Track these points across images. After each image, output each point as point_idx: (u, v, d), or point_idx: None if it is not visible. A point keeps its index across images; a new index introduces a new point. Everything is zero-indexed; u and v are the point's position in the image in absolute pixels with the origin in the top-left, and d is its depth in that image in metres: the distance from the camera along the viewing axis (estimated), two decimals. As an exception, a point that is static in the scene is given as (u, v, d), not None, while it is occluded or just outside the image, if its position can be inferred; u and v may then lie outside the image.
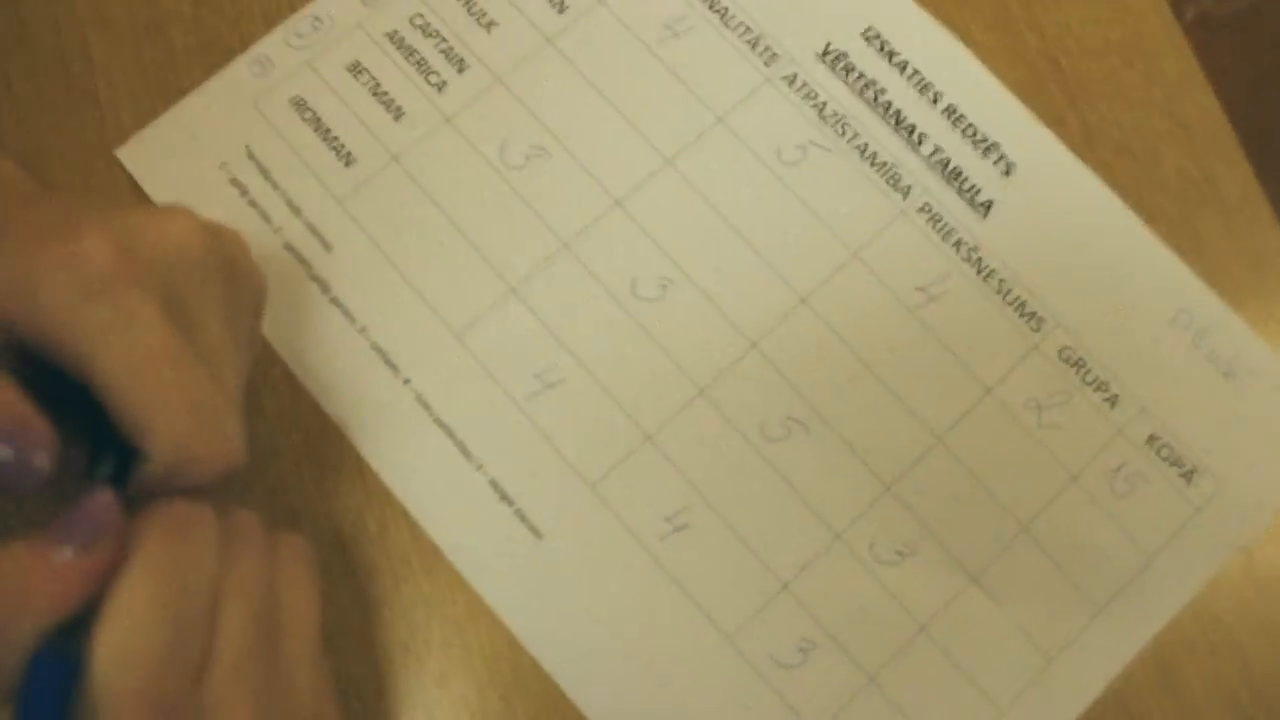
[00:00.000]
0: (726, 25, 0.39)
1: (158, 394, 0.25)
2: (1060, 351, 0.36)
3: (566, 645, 0.33)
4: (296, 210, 0.37)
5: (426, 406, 0.35)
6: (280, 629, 0.27)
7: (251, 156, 0.37)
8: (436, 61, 0.38)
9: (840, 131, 0.38)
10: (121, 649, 0.23)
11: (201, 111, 0.38)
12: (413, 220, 0.37)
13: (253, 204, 0.37)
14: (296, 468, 0.35)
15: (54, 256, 0.25)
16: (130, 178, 0.38)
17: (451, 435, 0.35)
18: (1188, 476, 0.35)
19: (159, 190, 0.37)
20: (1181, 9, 1.43)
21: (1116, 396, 0.35)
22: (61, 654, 0.23)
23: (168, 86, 0.39)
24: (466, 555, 0.34)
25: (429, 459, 0.35)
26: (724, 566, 0.34)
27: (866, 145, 0.38)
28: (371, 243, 0.36)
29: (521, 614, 0.33)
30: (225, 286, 0.29)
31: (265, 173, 0.37)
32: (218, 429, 0.26)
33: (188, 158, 0.37)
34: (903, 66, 0.39)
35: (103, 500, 0.24)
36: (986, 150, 0.38)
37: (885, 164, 0.37)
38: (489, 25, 0.39)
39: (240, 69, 0.38)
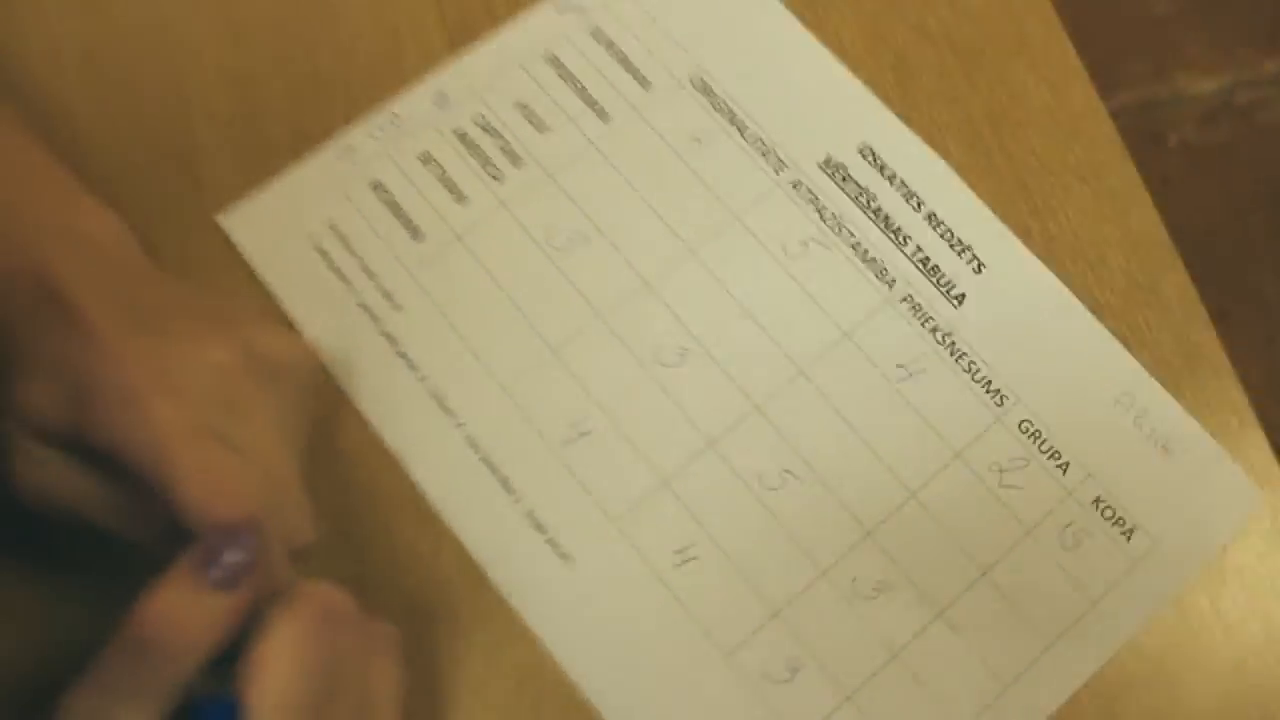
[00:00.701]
0: (744, 138, 0.46)
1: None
2: (1020, 424, 0.42)
3: (590, 656, 0.38)
4: (371, 275, 0.43)
5: (475, 446, 0.41)
6: (369, 711, 0.32)
7: (334, 229, 0.44)
8: (496, 156, 0.45)
9: (837, 230, 0.44)
10: (276, 703, 0.28)
11: (294, 188, 0.44)
12: (470, 288, 0.43)
13: (334, 268, 0.43)
14: (363, 497, 0.41)
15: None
16: (225, 240, 0.44)
17: (495, 471, 0.41)
18: (1127, 534, 0.40)
19: (253, 252, 0.43)
20: (1164, 136, 1.52)
21: (1067, 464, 0.41)
22: (220, 697, 0.28)
23: (263, 165, 0.45)
24: (505, 575, 0.39)
25: (475, 491, 0.40)
26: (725, 594, 0.39)
27: (859, 243, 0.44)
28: (434, 305, 0.43)
29: (552, 628, 0.39)
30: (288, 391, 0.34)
31: (346, 243, 0.44)
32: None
33: (280, 226, 0.44)
34: (892, 178, 0.45)
35: (248, 543, 0.30)
36: (961, 251, 0.44)
37: (874, 259, 0.44)
38: (542, 128, 0.46)
39: (328, 155, 0.45)
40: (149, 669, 0.27)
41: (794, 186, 0.45)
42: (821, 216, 0.45)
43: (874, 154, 0.46)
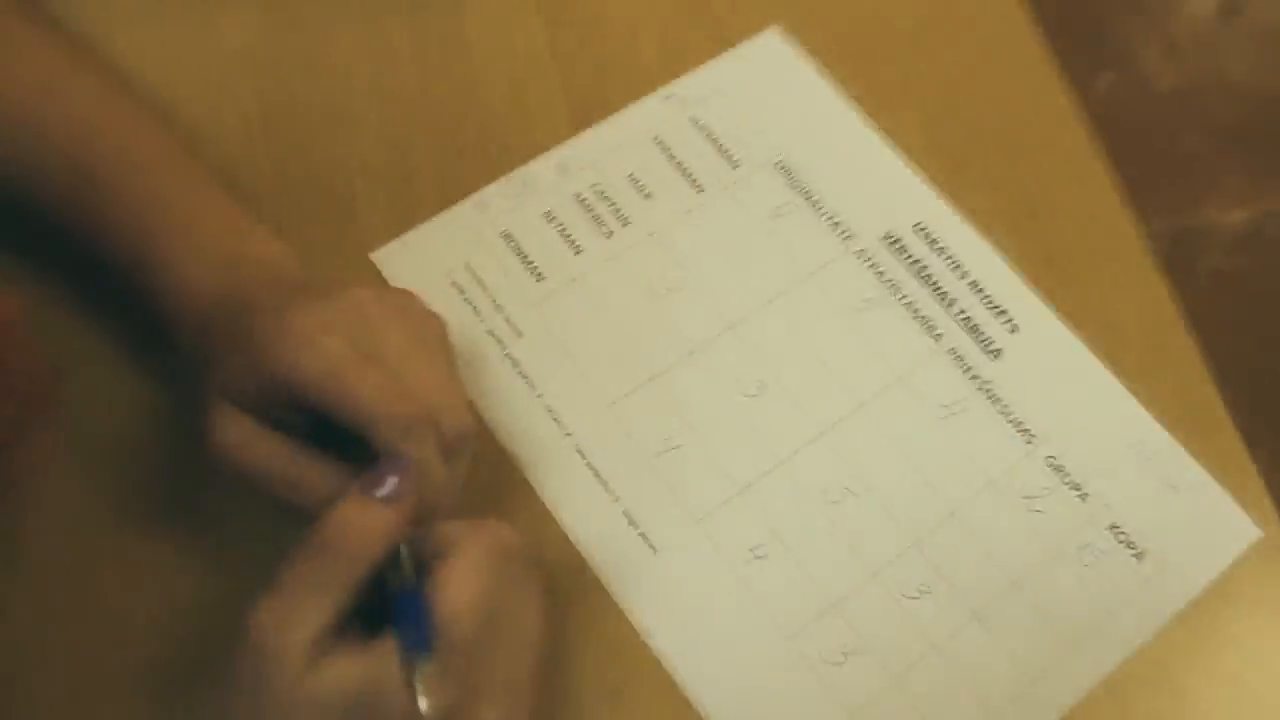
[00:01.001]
0: (817, 212, 0.54)
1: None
2: (1046, 459, 0.49)
3: (671, 632, 0.45)
4: (499, 307, 0.51)
5: (581, 454, 0.48)
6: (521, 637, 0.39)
7: (469, 268, 0.52)
8: (607, 217, 0.54)
9: (893, 292, 0.52)
10: (455, 609, 0.36)
11: (436, 233, 0.53)
12: (582, 322, 0.51)
13: (467, 301, 0.51)
14: (486, 494, 0.48)
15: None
16: (377, 273, 0.52)
17: (597, 475, 0.48)
18: (1138, 556, 0.47)
19: (400, 285, 0.52)
20: (1194, 263, 1.61)
21: (1087, 494, 0.48)
22: (416, 591, 0.35)
23: (411, 213, 0.54)
24: (602, 562, 0.46)
25: (579, 491, 0.48)
26: (788, 587, 0.46)
27: (912, 303, 0.52)
28: (551, 335, 0.51)
29: (639, 607, 0.45)
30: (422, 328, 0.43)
31: (478, 280, 0.52)
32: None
33: (423, 264, 0.52)
34: (941, 251, 0.53)
35: (406, 467, 0.37)
36: (999, 314, 0.52)
37: (924, 317, 0.52)
38: (647, 196, 0.54)
39: (466, 207, 0.54)
40: (330, 567, 0.35)
41: (858, 255, 0.53)
42: (880, 280, 0.53)
43: (926, 231, 0.54)
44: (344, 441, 0.39)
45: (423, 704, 0.34)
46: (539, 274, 0.52)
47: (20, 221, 0.47)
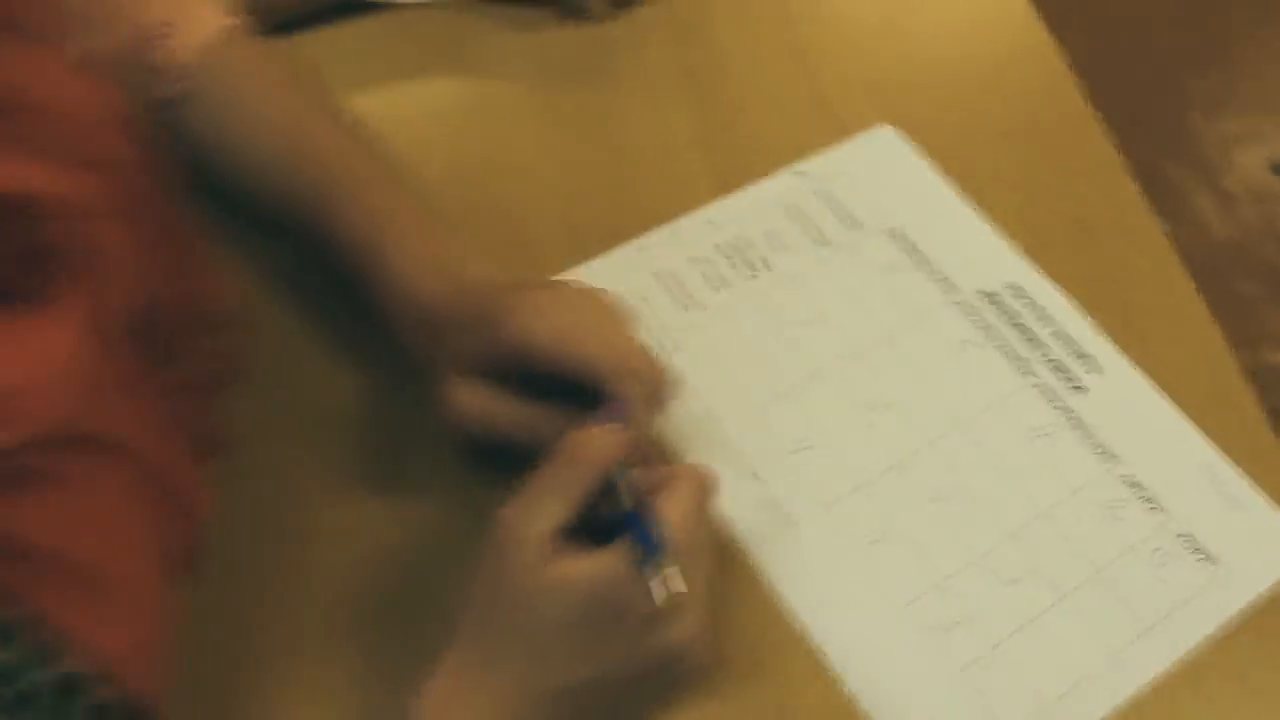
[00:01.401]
0: (922, 270, 0.64)
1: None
2: (1123, 477, 0.57)
3: (806, 599, 0.53)
4: (650, 331, 0.61)
5: (731, 446, 0.57)
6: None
7: (632, 296, 0.62)
8: (747, 262, 0.64)
9: (989, 337, 0.61)
10: (678, 516, 0.44)
11: (602, 270, 0.63)
12: (727, 343, 0.60)
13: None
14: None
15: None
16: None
17: (746, 464, 0.57)
18: (1203, 562, 0.54)
19: (574, 309, 0.61)
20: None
21: (1161, 507, 0.56)
22: (647, 506, 0.44)
23: (580, 253, 0.64)
24: (749, 537, 0.55)
25: (731, 476, 0.56)
26: (902, 567, 0.54)
27: (1006, 346, 0.61)
28: (701, 351, 0.60)
29: (780, 578, 0.54)
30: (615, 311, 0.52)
31: (638, 306, 0.62)
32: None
33: (593, 294, 0.62)
34: (1031, 306, 0.63)
35: (626, 407, 0.47)
36: (1081, 358, 0.61)
37: (1019, 358, 0.61)
38: (780, 249, 0.64)
39: (629, 250, 0.64)
40: (567, 475, 0.44)
41: (958, 305, 0.63)
42: (975, 326, 0.62)
43: (1017, 289, 0.63)
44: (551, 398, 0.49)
45: (658, 596, 0.42)
46: (688, 304, 0.62)
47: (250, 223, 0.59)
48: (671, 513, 0.44)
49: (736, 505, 0.55)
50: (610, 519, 0.44)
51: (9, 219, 0.31)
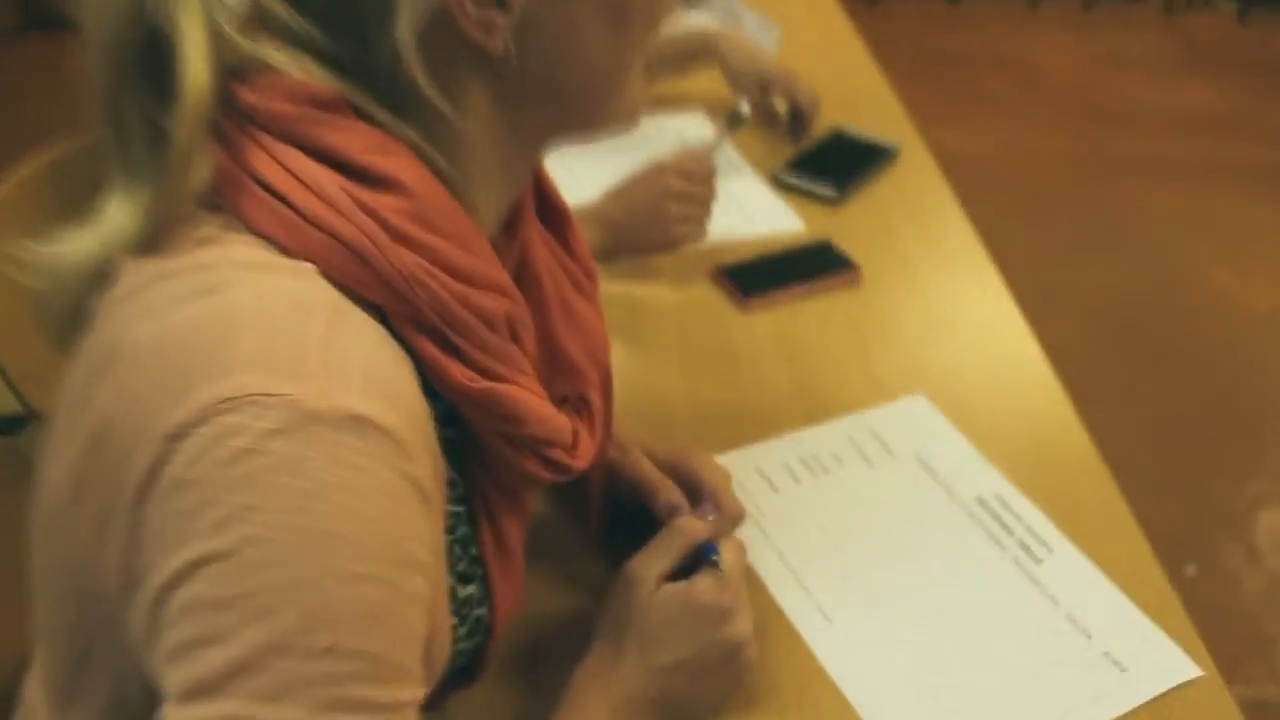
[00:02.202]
0: (937, 482, 0.94)
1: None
2: (1066, 614, 0.84)
3: (844, 672, 0.80)
4: (755, 503, 0.92)
5: (794, 573, 0.86)
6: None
7: (737, 479, 0.93)
8: (823, 466, 0.95)
9: (978, 524, 0.91)
10: (730, 560, 0.74)
11: (724, 461, 0.95)
12: (793, 517, 0.91)
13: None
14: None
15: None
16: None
17: (800, 582, 0.85)
18: (1116, 669, 0.80)
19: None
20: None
21: (1089, 634, 0.82)
22: (713, 549, 0.75)
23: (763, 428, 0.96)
24: (793, 618, 0.82)
25: (784, 591, 0.85)
26: (910, 666, 0.81)
27: (990, 531, 0.90)
28: (773, 522, 0.90)
29: (820, 652, 0.81)
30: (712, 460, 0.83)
31: (741, 486, 0.93)
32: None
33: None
34: (1005, 506, 0.92)
35: (716, 508, 0.78)
36: (1040, 542, 0.89)
37: (997, 539, 0.89)
38: (841, 463, 0.96)
39: (740, 453, 0.96)
40: (674, 542, 0.74)
41: (960, 506, 0.92)
42: (971, 519, 0.91)
43: (1001, 499, 0.93)
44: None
45: (721, 563, 0.72)
46: (774, 490, 0.93)
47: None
48: (726, 553, 0.74)
49: (789, 603, 0.84)
50: (681, 568, 0.74)
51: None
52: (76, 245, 0.54)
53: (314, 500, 0.46)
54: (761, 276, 1.17)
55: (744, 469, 0.95)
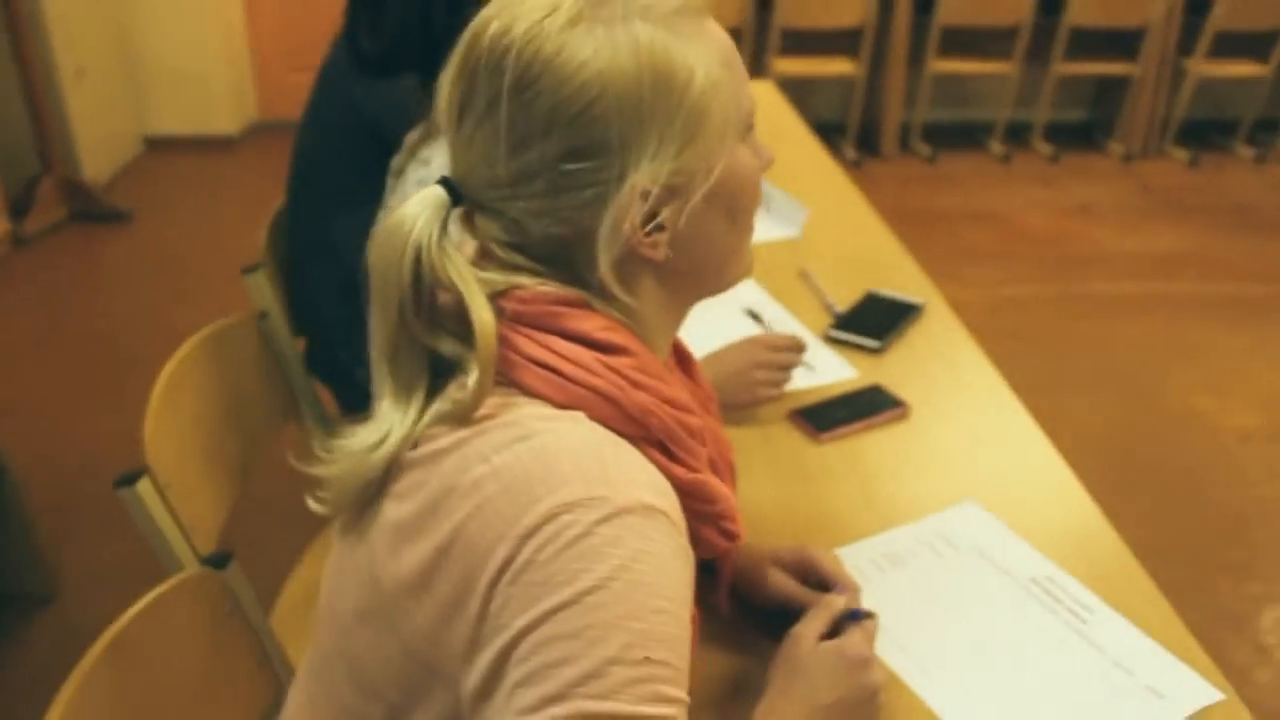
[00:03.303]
0: (997, 569, 1.18)
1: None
2: (1114, 660, 1.07)
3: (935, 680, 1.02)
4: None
5: (901, 649, 1.09)
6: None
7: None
8: (895, 565, 1.19)
9: (1032, 597, 1.14)
10: (868, 623, 0.98)
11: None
12: (899, 594, 1.14)
13: (838, 586, 1.16)
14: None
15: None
16: (794, 579, 1.18)
17: (909, 657, 1.08)
18: (1155, 695, 1.03)
19: (807, 579, 1.17)
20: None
21: (1131, 672, 1.05)
22: (859, 612, 0.99)
23: (845, 534, 1.20)
24: (897, 670, 1.05)
25: (890, 653, 1.08)
26: (988, 683, 1.03)
27: (1043, 600, 1.14)
28: (885, 601, 1.14)
29: (926, 694, 1.04)
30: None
31: (843, 579, 1.17)
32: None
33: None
34: (1054, 583, 1.16)
35: (845, 589, 1.02)
36: (1084, 606, 1.13)
37: (1050, 606, 1.13)
38: (914, 557, 1.20)
39: (861, 545, 1.20)
40: (824, 613, 0.98)
41: (1017, 583, 1.16)
42: (1027, 593, 1.15)
43: (1053, 580, 1.17)
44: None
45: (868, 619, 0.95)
46: (864, 583, 1.17)
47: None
48: (870, 622, 0.98)
49: (895, 661, 1.07)
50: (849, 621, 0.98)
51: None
52: (365, 439, 0.80)
53: (629, 561, 0.71)
54: (829, 416, 1.43)
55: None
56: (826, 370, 1.57)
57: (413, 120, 1.61)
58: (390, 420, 0.80)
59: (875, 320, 1.68)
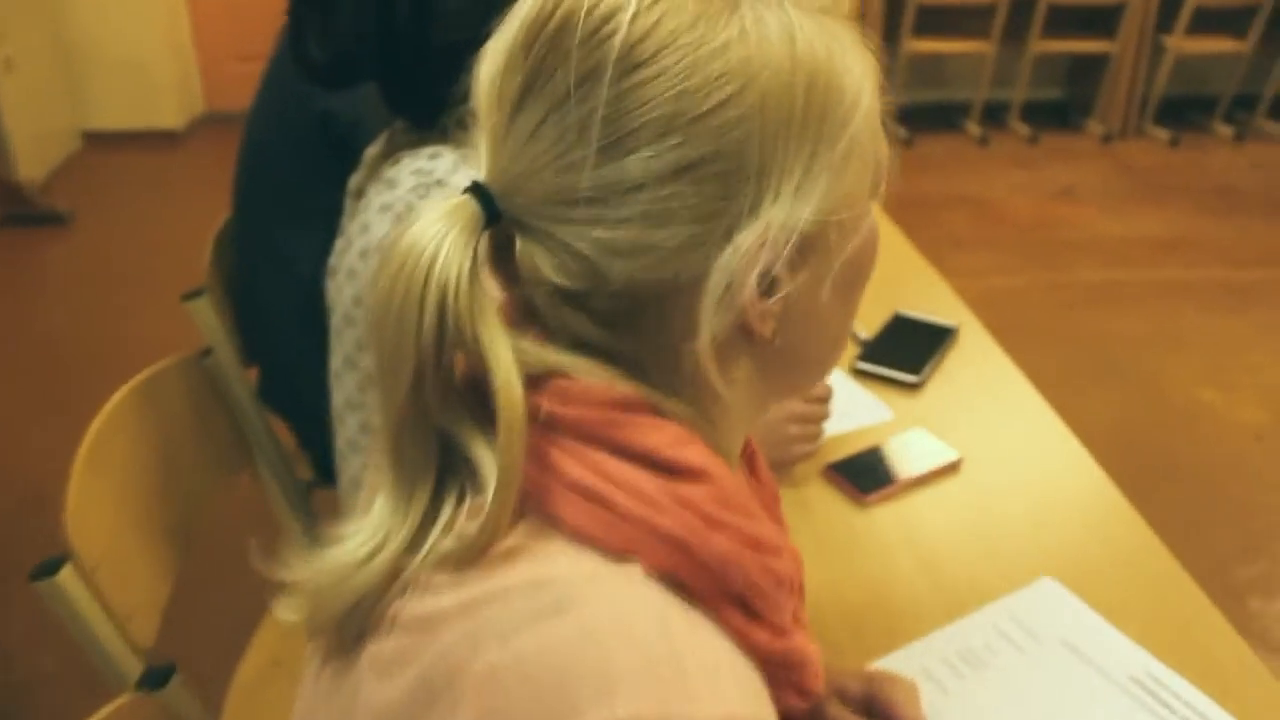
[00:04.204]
0: (1088, 665, 1.01)
1: None
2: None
3: None
4: (929, 700, 0.97)
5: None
6: None
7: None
8: (972, 664, 1.01)
9: (1136, 703, 0.97)
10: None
11: (889, 663, 1.00)
12: (986, 706, 0.96)
13: (908, 696, 0.98)
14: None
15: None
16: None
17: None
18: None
19: (871, 687, 0.98)
20: None
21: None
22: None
23: (869, 652, 1.02)
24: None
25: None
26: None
27: (1146, 704, 0.96)
28: (972, 716, 0.96)
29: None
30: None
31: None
32: None
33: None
34: (1157, 682, 0.98)
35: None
36: (1189, 707, 0.95)
37: (1154, 711, 0.95)
38: (993, 654, 1.02)
39: (900, 654, 1.02)
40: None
41: (1114, 684, 0.98)
42: (1128, 696, 0.97)
43: (1154, 676, 0.99)
44: None
45: None
46: (944, 691, 0.99)
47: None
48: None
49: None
50: None
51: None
52: (353, 551, 0.58)
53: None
54: (872, 473, 1.25)
55: (910, 670, 1.00)
56: (860, 412, 1.38)
57: (372, 122, 1.39)
58: (385, 526, 0.59)
59: (908, 348, 1.49)
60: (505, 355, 0.56)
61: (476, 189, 0.59)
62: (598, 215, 0.56)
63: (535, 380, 0.59)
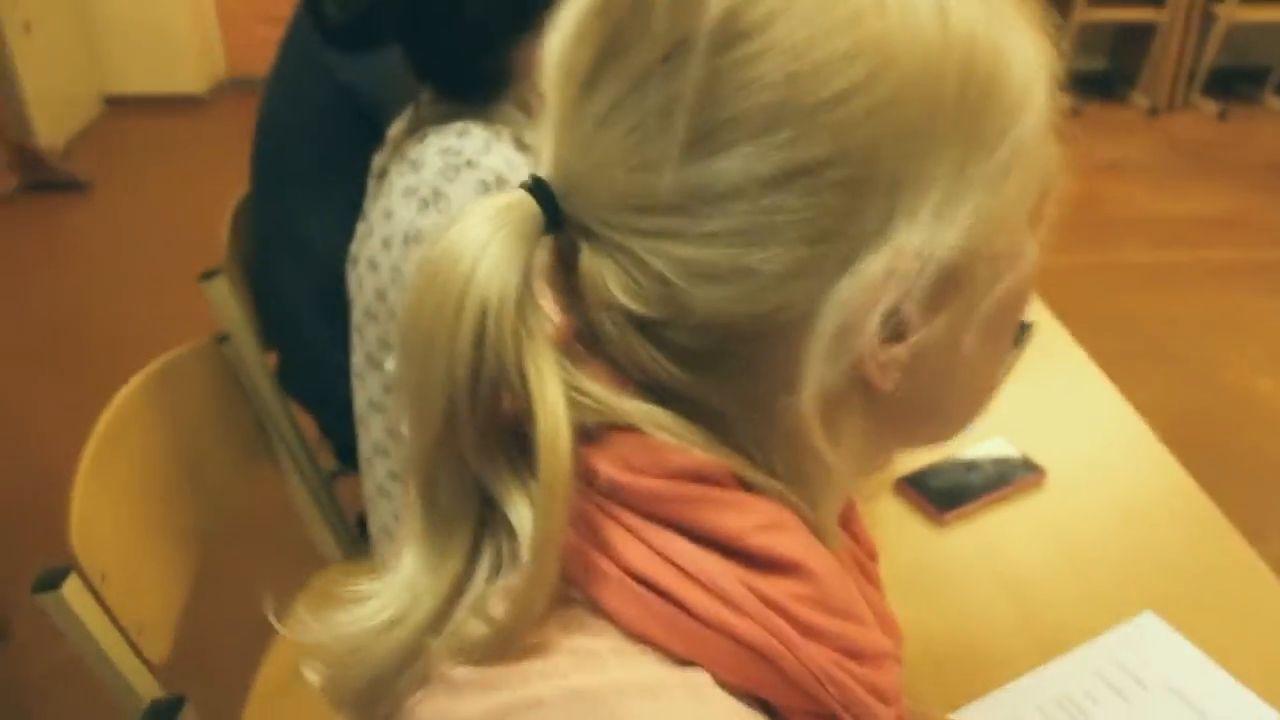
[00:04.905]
0: (1200, 717, 0.89)
1: None
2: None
3: None
4: None
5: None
6: None
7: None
8: (1071, 713, 0.90)
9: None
10: None
11: (976, 712, 0.90)
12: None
13: (1001, 750, 0.87)
14: None
15: None
16: None
17: None
18: None
19: (958, 738, 0.88)
20: None
21: None
22: None
23: (952, 701, 0.91)
24: None
25: None
26: None
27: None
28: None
29: None
30: None
31: (1006, 738, 0.88)
32: None
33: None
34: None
35: None
36: None
37: None
38: (1094, 702, 0.91)
39: (987, 702, 0.91)
40: None
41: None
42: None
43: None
44: None
45: None
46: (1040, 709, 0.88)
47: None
48: None
49: None
50: None
51: None
52: (376, 615, 0.48)
53: None
54: (949, 488, 1.14)
55: (997, 713, 0.90)
56: (932, 418, 1.26)
57: (399, 93, 1.27)
58: (411, 590, 0.48)
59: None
60: (554, 398, 0.45)
61: (536, 185, 0.47)
62: (679, 227, 0.45)
63: (593, 432, 0.48)
